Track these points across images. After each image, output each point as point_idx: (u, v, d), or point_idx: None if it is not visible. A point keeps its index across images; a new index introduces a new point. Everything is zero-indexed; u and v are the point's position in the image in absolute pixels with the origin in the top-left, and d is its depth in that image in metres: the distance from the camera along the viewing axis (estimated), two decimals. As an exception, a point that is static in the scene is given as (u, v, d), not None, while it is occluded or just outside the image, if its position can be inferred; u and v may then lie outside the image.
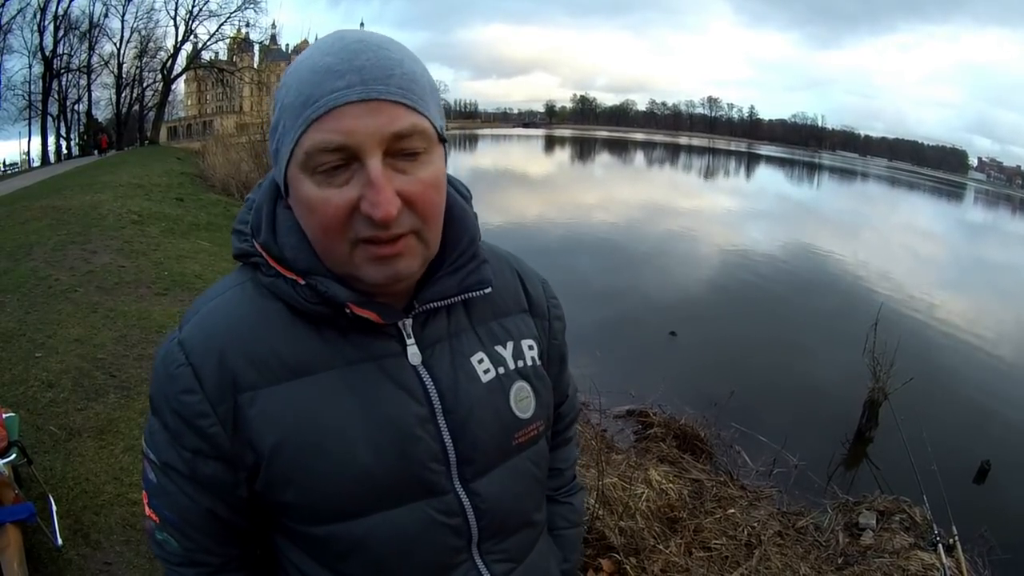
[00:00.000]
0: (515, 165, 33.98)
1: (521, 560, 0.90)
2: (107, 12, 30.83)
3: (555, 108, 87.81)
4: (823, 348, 7.89)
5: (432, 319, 0.82)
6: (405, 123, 0.69)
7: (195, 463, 0.76)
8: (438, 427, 0.79)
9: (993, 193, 55.03)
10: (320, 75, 0.68)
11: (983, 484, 5.08)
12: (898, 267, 14.16)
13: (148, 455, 0.80)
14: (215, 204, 11.38)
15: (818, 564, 3.09)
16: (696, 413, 4.93)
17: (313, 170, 0.69)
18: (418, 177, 0.71)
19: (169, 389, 0.74)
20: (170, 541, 0.81)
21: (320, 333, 0.77)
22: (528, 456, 0.88)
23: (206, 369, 0.73)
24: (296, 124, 0.69)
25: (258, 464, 0.75)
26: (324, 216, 0.70)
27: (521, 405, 0.86)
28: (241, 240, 0.80)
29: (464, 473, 0.81)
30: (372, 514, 0.77)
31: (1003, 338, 9.54)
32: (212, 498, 0.78)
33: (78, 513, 2.72)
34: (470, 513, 0.82)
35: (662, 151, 58.75)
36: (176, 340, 0.76)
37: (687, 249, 14.59)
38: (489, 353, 0.85)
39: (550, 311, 0.96)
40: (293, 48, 46.87)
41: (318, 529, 0.78)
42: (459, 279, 0.81)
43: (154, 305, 5.34)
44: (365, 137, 0.67)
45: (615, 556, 2.68)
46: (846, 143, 78.89)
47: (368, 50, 0.69)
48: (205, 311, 0.78)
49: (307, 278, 0.74)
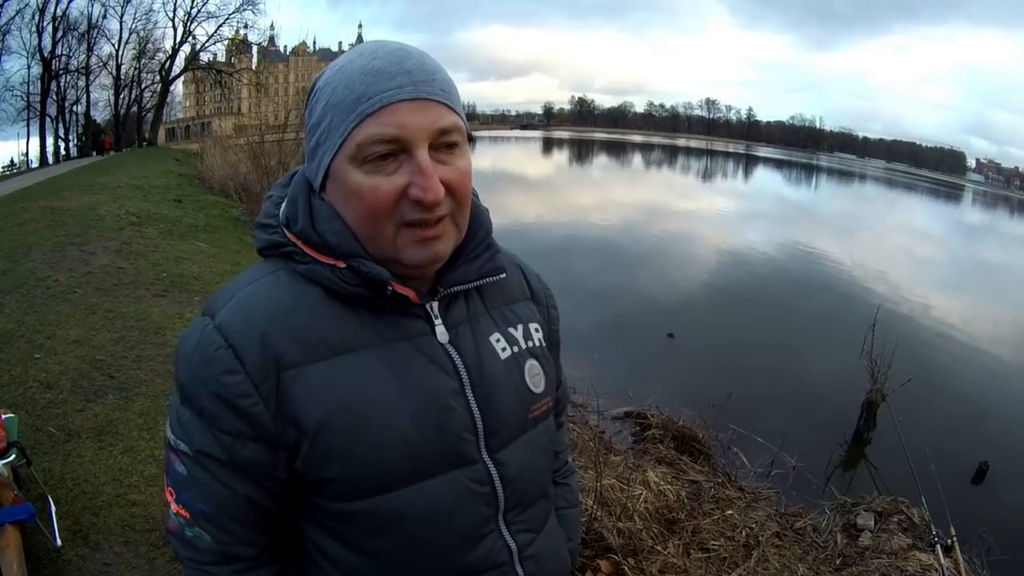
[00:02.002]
0: (513, 167, 34.00)
1: (539, 531, 0.96)
2: (105, 13, 30.64)
3: (553, 110, 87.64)
4: (821, 349, 7.91)
5: (453, 303, 0.89)
6: (448, 120, 0.79)
7: (234, 447, 0.78)
8: (467, 399, 0.85)
9: (991, 194, 55.04)
10: (372, 76, 0.77)
11: (981, 485, 5.09)
12: (896, 269, 14.17)
13: (177, 447, 0.80)
14: (213, 205, 11.37)
15: (816, 565, 3.09)
16: (694, 414, 4.94)
17: (363, 160, 0.77)
18: (457, 167, 0.80)
19: (207, 372, 0.76)
20: (203, 536, 0.81)
21: (357, 314, 0.82)
22: (542, 429, 0.95)
23: (248, 350, 0.76)
24: (348, 119, 0.77)
25: (299, 442, 0.78)
26: (374, 201, 0.77)
27: (534, 380, 0.93)
28: (270, 233, 0.85)
29: (491, 444, 0.87)
30: (411, 485, 0.81)
31: (1001, 339, 9.57)
32: (250, 483, 0.80)
33: (77, 514, 2.72)
34: (497, 482, 0.87)
35: (660, 153, 58.70)
36: (211, 325, 0.78)
37: (685, 251, 14.62)
38: (504, 334, 0.93)
39: (547, 300, 1.05)
40: (291, 50, 46.81)
41: (356, 504, 0.80)
42: (478, 265, 0.88)
43: (153, 306, 5.34)
44: (415, 131, 0.77)
45: (613, 557, 2.68)
46: (844, 145, 78.78)
47: (411, 56, 0.79)
48: (241, 295, 0.81)
49: (348, 261, 0.80)
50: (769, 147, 76.66)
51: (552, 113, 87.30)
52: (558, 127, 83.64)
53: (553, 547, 0.99)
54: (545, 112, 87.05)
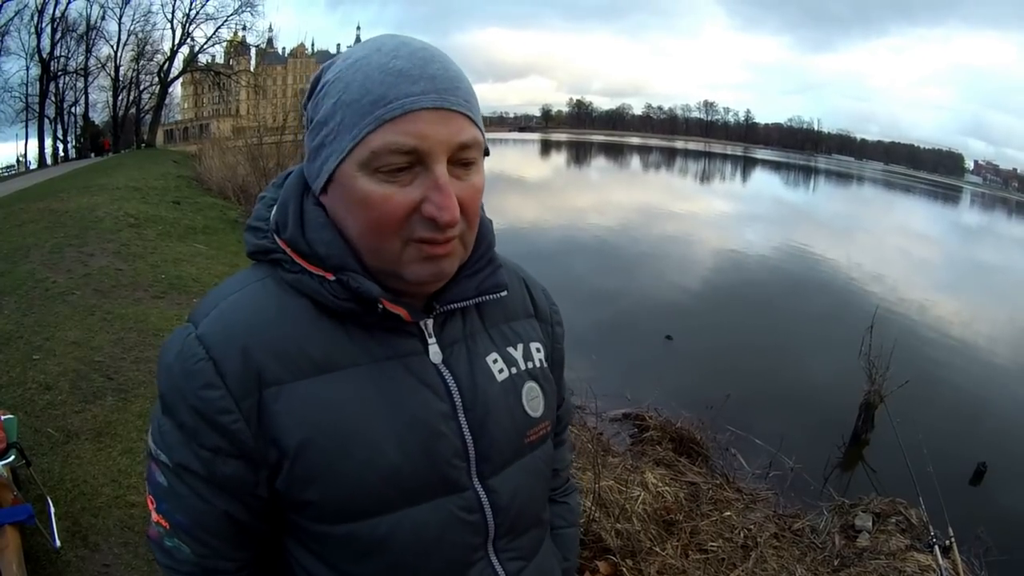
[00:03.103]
0: (511, 169, 33.93)
1: (531, 558, 0.91)
2: (104, 15, 30.69)
3: (551, 112, 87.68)
4: (819, 351, 7.92)
5: (449, 320, 0.84)
6: (469, 135, 0.73)
7: (214, 463, 0.74)
8: (459, 424, 0.81)
9: (989, 196, 55.16)
10: (393, 76, 0.70)
11: (979, 486, 5.10)
12: (894, 270, 14.18)
13: (158, 457, 0.77)
14: (211, 207, 11.36)
15: (814, 566, 3.09)
16: (692, 416, 4.93)
17: (376, 169, 0.71)
18: (471, 184, 0.75)
19: (187, 385, 0.72)
20: (182, 548, 0.78)
21: (346, 330, 0.77)
22: (538, 455, 0.90)
23: (228, 363, 0.72)
24: (363, 122, 0.70)
25: (281, 462, 0.74)
26: (383, 212, 0.71)
27: (532, 404, 0.88)
28: (259, 237, 0.80)
29: (482, 470, 0.82)
30: (396, 511, 0.77)
31: (999, 340, 9.58)
32: (229, 500, 0.76)
33: (76, 515, 2.72)
34: (488, 510, 0.83)
35: (658, 155, 58.74)
36: (193, 335, 0.74)
37: (683, 252, 14.62)
38: (502, 354, 0.87)
39: (552, 316, 0.99)
40: (290, 52, 46.81)
41: (339, 528, 0.77)
42: (477, 282, 0.83)
43: (151, 308, 5.34)
44: (436, 144, 0.70)
45: (612, 558, 2.69)
46: (842, 147, 78.88)
47: (436, 60, 0.73)
48: (224, 305, 0.76)
49: (337, 274, 0.75)
50: (767, 149, 76.74)
51: (550, 115, 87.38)
52: (556, 129, 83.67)
53: (546, 573, 0.96)
54: (543, 114, 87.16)
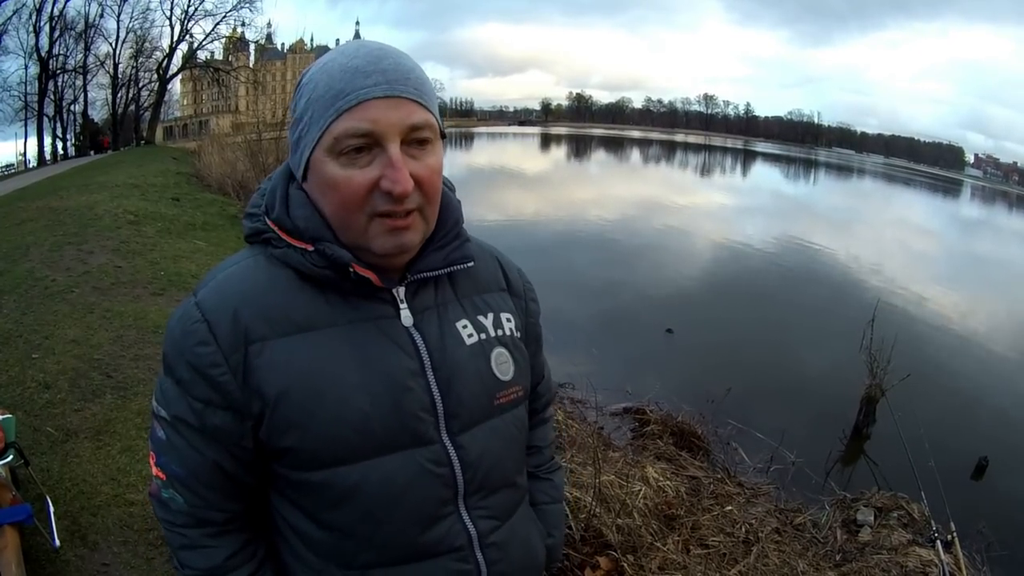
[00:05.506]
0: (511, 163, 33.93)
1: (504, 520, 0.98)
2: (103, 12, 30.57)
3: (551, 106, 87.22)
4: (820, 344, 7.90)
5: (422, 290, 0.93)
6: (419, 117, 0.84)
7: (205, 413, 0.84)
8: (428, 381, 0.89)
9: (990, 189, 54.99)
10: (350, 74, 0.82)
11: (981, 480, 5.08)
12: (895, 263, 14.16)
13: (158, 413, 0.88)
14: (211, 204, 11.33)
15: (816, 561, 3.09)
16: (693, 410, 4.93)
17: (339, 153, 0.82)
18: (426, 163, 0.85)
19: (184, 343, 0.84)
20: (176, 498, 0.89)
21: (325, 296, 0.87)
22: (509, 418, 0.98)
23: (221, 325, 0.83)
24: (326, 114, 0.82)
25: (263, 412, 0.84)
26: (347, 192, 0.83)
27: (502, 368, 0.96)
28: (254, 221, 0.92)
29: (451, 426, 0.90)
30: (367, 459, 0.85)
31: (1000, 333, 9.56)
32: (219, 449, 0.86)
33: (75, 514, 2.71)
34: (456, 465, 0.90)
35: (658, 148, 58.57)
36: (193, 302, 0.86)
37: (683, 246, 14.57)
38: (472, 321, 0.96)
39: (526, 293, 1.08)
40: (289, 47, 46.67)
41: (315, 475, 0.85)
42: (445, 254, 0.93)
43: (150, 305, 5.34)
44: (388, 126, 0.82)
45: (612, 554, 2.68)
46: (842, 140, 78.49)
47: (388, 56, 0.84)
48: (221, 277, 0.88)
49: (316, 244, 0.85)
50: (767, 142, 76.45)
51: (550, 109, 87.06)
52: (556, 123, 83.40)
53: (522, 538, 1.01)
54: (543, 108, 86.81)
